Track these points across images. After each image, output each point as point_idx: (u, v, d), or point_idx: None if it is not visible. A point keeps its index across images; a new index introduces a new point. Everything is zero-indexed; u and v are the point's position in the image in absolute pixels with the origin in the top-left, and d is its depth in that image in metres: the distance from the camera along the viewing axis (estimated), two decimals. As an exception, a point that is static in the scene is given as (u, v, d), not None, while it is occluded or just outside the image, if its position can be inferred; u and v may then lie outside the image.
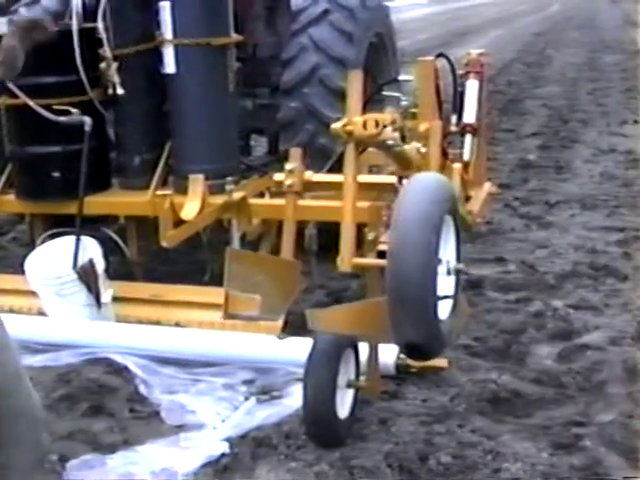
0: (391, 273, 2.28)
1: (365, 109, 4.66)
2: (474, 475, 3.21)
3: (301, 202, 2.96)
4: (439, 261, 2.40)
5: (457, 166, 3.96)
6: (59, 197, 4.69)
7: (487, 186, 4.85)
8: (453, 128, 4.49)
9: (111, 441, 3.55)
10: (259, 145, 6.31)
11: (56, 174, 4.64)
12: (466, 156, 4.46)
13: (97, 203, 4.55)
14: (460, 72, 4.61)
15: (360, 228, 2.82)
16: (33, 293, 4.45)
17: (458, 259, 2.56)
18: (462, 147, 4.47)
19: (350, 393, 3.50)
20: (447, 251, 2.49)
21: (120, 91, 4.52)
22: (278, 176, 3.10)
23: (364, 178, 2.99)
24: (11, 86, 4.46)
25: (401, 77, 4.32)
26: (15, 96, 4.52)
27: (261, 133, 5.78)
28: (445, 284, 2.48)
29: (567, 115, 10.32)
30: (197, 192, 4.08)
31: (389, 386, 3.89)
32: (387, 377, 3.92)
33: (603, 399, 3.73)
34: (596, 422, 3.54)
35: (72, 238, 4.39)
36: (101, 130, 4.82)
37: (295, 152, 2.97)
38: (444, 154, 4.07)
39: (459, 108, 4.49)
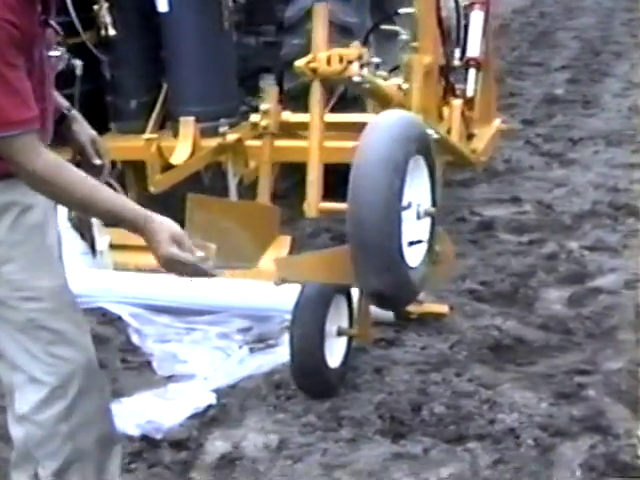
0: (351, 219, 2.12)
1: (366, 43, 4.50)
2: (467, 426, 3.08)
3: (278, 143, 2.80)
4: (407, 205, 2.24)
5: (457, 103, 3.76)
6: (53, 142, 4.56)
7: (497, 123, 4.62)
8: (456, 62, 4.27)
9: (100, 392, 3.47)
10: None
11: (49, 119, 4.51)
12: (469, 92, 4.23)
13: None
14: (465, 3, 4.37)
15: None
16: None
17: (434, 203, 2.38)
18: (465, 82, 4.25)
19: (342, 341, 3.37)
20: (417, 194, 2.32)
21: (112, 32, 4.36)
22: (254, 117, 2.94)
23: (335, 117, 2.83)
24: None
25: (401, 10, 4.10)
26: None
27: (268, 72, 5.59)
28: (416, 229, 2.32)
29: (599, 47, 9.94)
30: (187, 135, 3.92)
31: (387, 333, 3.76)
32: (386, 324, 3.79)
33: (612, 346, 3.57)
34: (602, 370, 3.39)
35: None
36: (96, 73, 4.66)
37: (271, 91, 2.80)
38: (446, 90, 3.88)
39: (463, 41, 4.27)
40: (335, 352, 3.33)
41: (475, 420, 3.11)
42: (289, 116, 2.95)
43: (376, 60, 2.44)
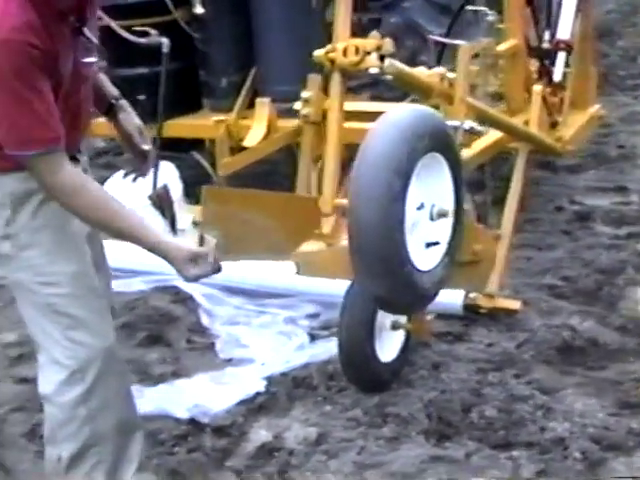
0: (349, 221, 2.03)
1: (451, 29, 4.33)
2: (517, 432, 2.93)
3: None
4: (420, 206, 2.13)
5: (537, 88, 3.55)
6: (147, 120, 4.60)
7: (594, 110, 4.35)
8: (546, 45, 4.04)
9: (161, 372, 3.50)
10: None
11: (142, 97, 4.55)
12: (557, 77, 3.99)
13: (176, 126, 4.44)
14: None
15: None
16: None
17: (457, 202, 2.24)
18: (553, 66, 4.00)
19: (397, 335, 3.27)
20: (433, 194, 2.19)
21: (200, 10, 4.36)
22: (297, 105, 2.87)
23: (356, 106, 2.72)
24: (95, 8, 4.41)
25: (488, -12, 3.92)
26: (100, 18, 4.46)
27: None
28: (431, 230, 2.19)
29: None
30: (262, 116, 3.87)
31: (455, 327, 3.63)
32: (456, 317, 3.66)
33: (693, 356, 3.32)
34: (677, 381, 3.16)
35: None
36: (189, 51, 4.68)
37: (313, 79, 2.71)
38: (541, 74, 3.64)
39: (554, 22, 4.03)
40: (389, 346, 3.24)
41: (526, 426, 2.96)
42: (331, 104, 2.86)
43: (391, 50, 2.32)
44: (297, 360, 3.47)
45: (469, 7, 3.97)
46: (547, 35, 4.03)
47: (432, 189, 2.17)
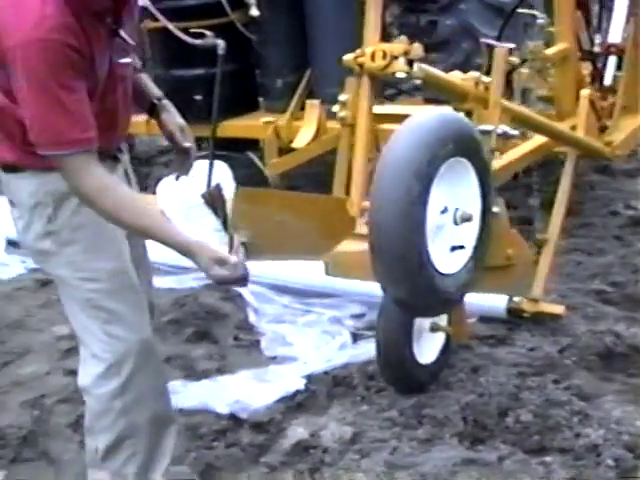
0: (370, 224, 2.06)
1: (502, 32, 4.30)
2: (552, 437, 2.92)
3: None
4: (444, 210, 2.14)
5: (585, 92, 3.52)
6: (203, 120, 4.66)
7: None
8: (596, 49, 3.99)
9: (205, 368, 3.58)
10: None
11: (198, 97, 4.64)
12: (607, 81, 3.94)
13: (229, 126, 4.51)
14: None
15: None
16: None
17: (484, 206, 2.25)
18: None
19: (437, 337, 3.29)
20: (458, 198, 2.20)
21: (256, 12, 4.43)
22: (335, 107, 2.91)
23: (391, 109, 2.75)
24: (153, 9, 4.50)
25: (540, -8, 3.89)
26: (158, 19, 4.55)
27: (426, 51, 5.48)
28: (456, 234, 2.21)
29: None
30: (312, 119, 3.92)
31: (499, 331, 3.64)
32: (500, 321, 3.67)
33: None
34: None
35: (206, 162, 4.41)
36: (246, 52, 4.75)
37: (351, 82, 2.75)
38: (594, 78, 3.61)
39: (606, 26, 3.98)
40: (428, 348, 3.26)
41: (561, 432, 2.94)
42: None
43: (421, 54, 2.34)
44: (338, 359, 3.52)
45: (521, 10, 3.96)
46: (598, 39, 3.99)
47: (457, 193, 2.19)
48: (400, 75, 2.38)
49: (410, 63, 2.36)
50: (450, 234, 2.19)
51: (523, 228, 3.78)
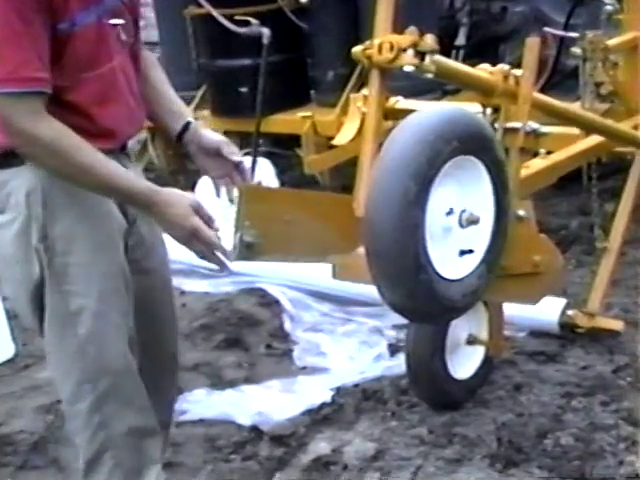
0: (365, 225, 1.85)
1: (569, 20, 4.01)
2: (593, 464, 2.65)
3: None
4: (449, 211, 1.92)
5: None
6: (247, 113, 4.42)
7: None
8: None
9: (233, 377, 3.41)
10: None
11: (244, 89, 4.45)
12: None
13: (275, 121, 4.31)
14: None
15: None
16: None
17: (499, 208, 2.01)
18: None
19: (475, 351, 3.05)
20: (466, 199, 1.97)
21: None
22: (359, 103, 2.70)
23: (412, 104, 2.52)
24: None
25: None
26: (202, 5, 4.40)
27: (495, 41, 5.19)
28: (464, 237, 1.98)
29: None
30: (356, 114, 3.69)
31: (550, 347, 3.36)
32: (552, 336, 3.39)
33: None
34: None
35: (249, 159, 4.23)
36: (296, 42, 4.54)
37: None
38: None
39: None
40: (464, 362, 3.02)
41: (604, 459, 2.67)
42: (394, 102, 2.68)
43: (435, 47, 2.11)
44: (371, 372, 3.30)
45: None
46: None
47: (466, 194, 1.96)
48: (408, 69, 2.17)
49: (422, 55, 2.14)
50: (458, 237, 1.97)
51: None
